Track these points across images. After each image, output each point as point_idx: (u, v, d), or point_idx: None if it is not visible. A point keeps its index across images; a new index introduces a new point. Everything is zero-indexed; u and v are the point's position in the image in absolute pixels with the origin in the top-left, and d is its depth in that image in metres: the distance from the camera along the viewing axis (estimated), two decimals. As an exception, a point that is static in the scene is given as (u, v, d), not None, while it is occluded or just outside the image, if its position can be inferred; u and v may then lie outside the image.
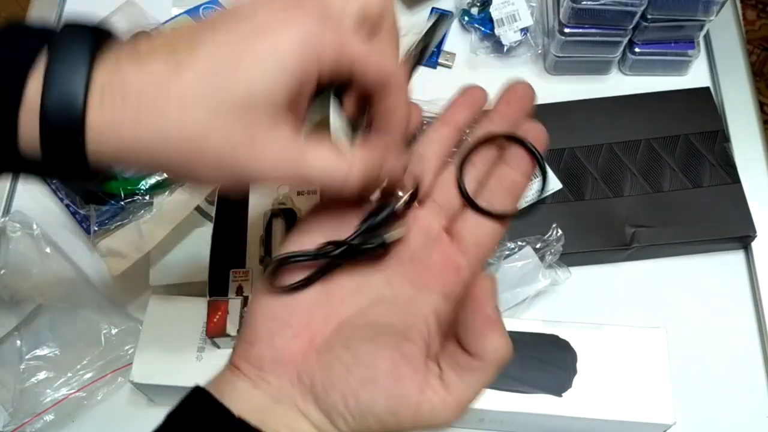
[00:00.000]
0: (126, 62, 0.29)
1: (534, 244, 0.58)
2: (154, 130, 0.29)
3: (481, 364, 0.33)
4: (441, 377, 0.33)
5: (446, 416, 0.32)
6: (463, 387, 0.33)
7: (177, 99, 0.29)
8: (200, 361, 0.52)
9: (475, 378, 0.33)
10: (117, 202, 0.59)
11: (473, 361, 0.33)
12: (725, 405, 0.56)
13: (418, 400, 0.32)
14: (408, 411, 0.31)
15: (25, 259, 0.61)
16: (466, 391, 0.33)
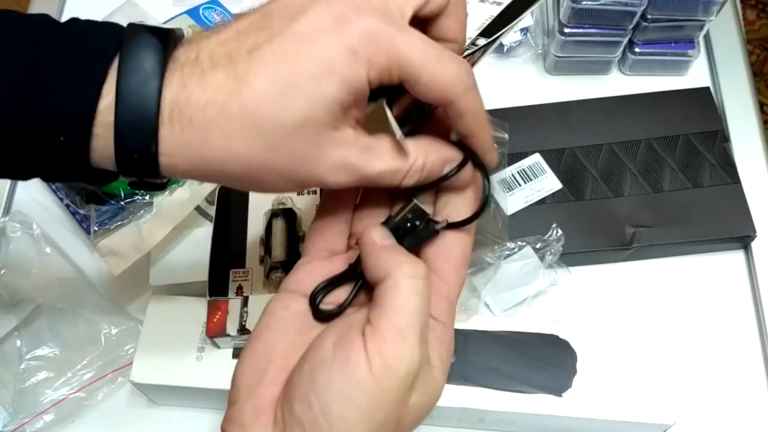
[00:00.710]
0: (190, 79, 0.30)
1: (534, 244, 0.58)
2: (222, 148, 0.30)
3: (392, 281, 0.32)
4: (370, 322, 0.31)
5: (399, 351, 0.30)
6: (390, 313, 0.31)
7: (240, 118, 0.30)
8: (200, 361, 0.52)
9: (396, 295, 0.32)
10: (117, 202, 0.59)
11: (383, 287, 0.32)
12: (725, 405, 0.56)
13: (365, 355, 0.30)
14: (362, 370, 0.30)
15: (25, 259, 0.61)
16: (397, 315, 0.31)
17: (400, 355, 0.30)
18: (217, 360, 0.52)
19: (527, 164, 0.64)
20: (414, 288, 0.32)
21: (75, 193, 0.59)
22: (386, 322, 0.31)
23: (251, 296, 0.51)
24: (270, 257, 0.52)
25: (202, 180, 0.33)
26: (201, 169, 0.31)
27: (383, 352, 0.30)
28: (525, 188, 0.62)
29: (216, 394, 0.52)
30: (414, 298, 0.32)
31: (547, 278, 0.58)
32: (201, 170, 0.31)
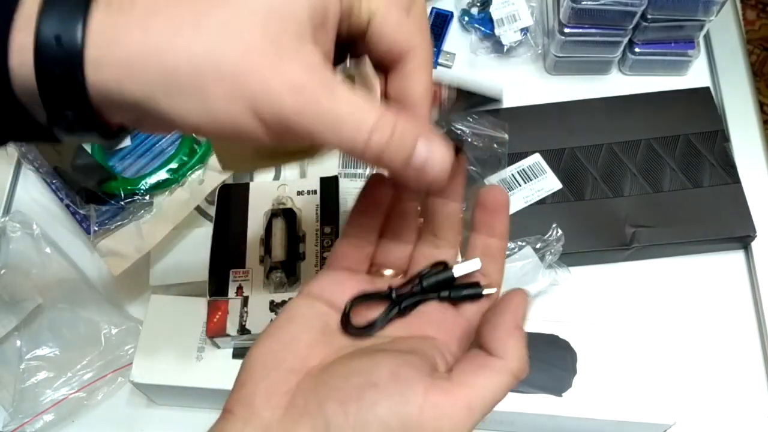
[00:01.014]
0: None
1: (534, 244, 0.58)
2: (166, 34, 0.26)
3: (500, 363, 0.31)
4: (450, 378, 0.31)
5: (454, 419, 0.30)
6: (474, 387, 0.31)
7: (192, 2, 0.26)
8: (200, 361, 0.52)
9: (490, 379, 0.31)
10: (117, 202, 0.59)
11: (491, 359, 0.31)
12: (725, 405, 0.56)
13: (422, 400, 0.30)
14: (412, 411, 0.29)
15: (25, 259, 0.61)
16: (477, 392, 0.31)
17: (454, 425, 0.30)
18: (217, 360, 0.52)
19: (527, 164, 0.64)
20: (507, 387, 0.32)
21: (75, 193, 0.59)
22: (465, 394, 0.31)
23: (251, 296, 0.51)
24: (270, 257, 0.52)
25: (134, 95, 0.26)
26: (135, 67, 0.26)
27: (444, 412, 0.30)
28: (525, 188, 0.62)
29: (216, 394, 0.52)
30: (500, 395, 0.32)
31: (547, 278, 0.58)
32: (135, 68, 0.26)
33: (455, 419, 0.30)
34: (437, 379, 0.31)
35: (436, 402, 0.30)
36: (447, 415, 0.30)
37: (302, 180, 0.58)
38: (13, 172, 0.68)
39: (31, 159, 0.61)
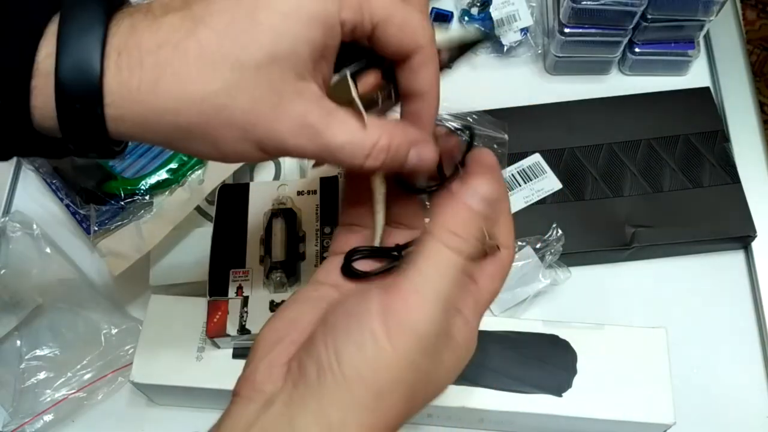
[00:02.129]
0: (141, 23, 0.28)
1: (534, 244, 0.58)
2: (175, 91, 0.28)
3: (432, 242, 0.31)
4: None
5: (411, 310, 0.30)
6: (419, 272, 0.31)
7: (197, 58, 0.28)
8: (200, 361, 0.52)
9: (429, 257, 0.31)
10: (117, 202, 0.59)
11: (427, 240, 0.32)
12: (725, 405, 0.56)
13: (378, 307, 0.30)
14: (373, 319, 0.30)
15: (25, 259, 0.61)
16: (422, 276, 0.31)
17: (416, 320, 0.30)
18: (217, 360, 0.52)
19: (527, 164, 0.64)
20: (448, 259, 0.31)
21: (75, 193, 0.59)
22: (407, 282, 0.30)
23: (251, 296, 0.51)
24: (270, 257, 0.52)
25: (152, 141, 0.30)
26: (151, 122, 0.28)
27: (399, 313, 0.30)
28: (525, 188, 0.62)
29: (216, 394, 0.52)
30: (445, 271, 0.31)
31: (547, 278, 0.58)
32: (151, 123, 0.28)
33: (414, 310, 0.30)
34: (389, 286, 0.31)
35: (389, 303, 0.30)
36: (402, 310, 0.30)
37: (302, 180, 0.58)
38: (13, 172, 0.68)
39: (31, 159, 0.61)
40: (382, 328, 0.30)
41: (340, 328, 0.30)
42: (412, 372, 0.30)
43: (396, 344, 0.30)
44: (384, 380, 0.30)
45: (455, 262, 0.31)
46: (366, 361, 0.29)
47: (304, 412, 0.29)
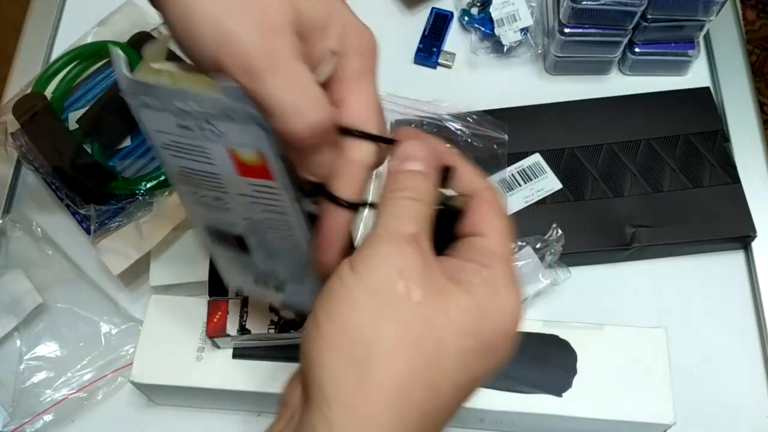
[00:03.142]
0: None
1: (534, 244, 0.58)
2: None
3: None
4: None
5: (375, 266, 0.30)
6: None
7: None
8: (200, 361, 0.52)
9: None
10: (117, 202, 0.59)
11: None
12: (725, 405, 0.56)
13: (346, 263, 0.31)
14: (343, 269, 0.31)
15: (25, 259, 0.61)
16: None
17: (372, 248, 0.30)
18: (217, 360, 0.52)
19: (527, 164, 0.64)
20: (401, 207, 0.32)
21: (75, 193, 0.59)
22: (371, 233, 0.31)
23: (251, 296, 0.51)
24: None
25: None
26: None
27: (359, 252, 0.31)
28: (525, 188, 0.62)
29: (216, 394, 0.52)
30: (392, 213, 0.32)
31: (547, 278, 0.58)
32: None
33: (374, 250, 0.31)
34: None
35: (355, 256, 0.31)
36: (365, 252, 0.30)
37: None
38: (13, 172, 0.68)
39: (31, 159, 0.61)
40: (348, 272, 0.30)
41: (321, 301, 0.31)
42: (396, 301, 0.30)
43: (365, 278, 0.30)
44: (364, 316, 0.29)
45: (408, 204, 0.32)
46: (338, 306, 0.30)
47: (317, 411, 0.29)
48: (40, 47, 0.75)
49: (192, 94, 0.30)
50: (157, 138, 0.35)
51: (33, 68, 0.71)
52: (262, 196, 0.34)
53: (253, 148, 0.32)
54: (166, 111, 0.32)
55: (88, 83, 0.64)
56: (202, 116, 0.31)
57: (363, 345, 0.29)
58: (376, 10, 0.75)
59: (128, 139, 0.61)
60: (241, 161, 0.32)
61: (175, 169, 0.36)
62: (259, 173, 0.33)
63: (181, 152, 0.34)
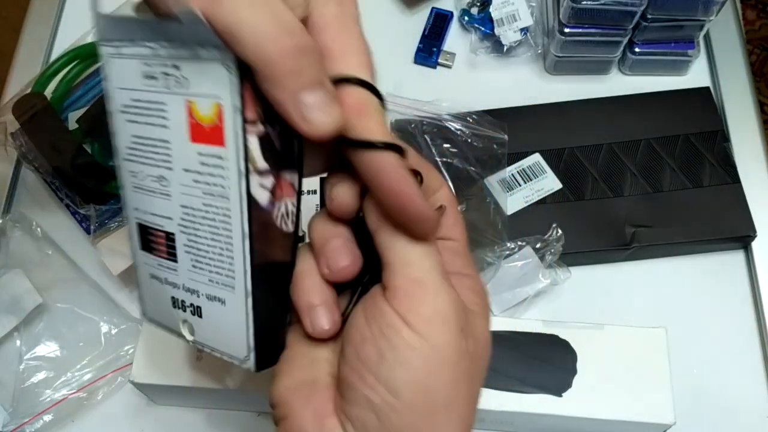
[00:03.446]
0: None
1: (534, 244, 0.58)
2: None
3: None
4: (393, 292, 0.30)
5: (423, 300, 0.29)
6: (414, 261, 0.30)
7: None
8: (200, 361, 0.52)
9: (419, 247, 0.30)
10: (117, 202, 0.59)
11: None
12: (725, 405, 0.56)
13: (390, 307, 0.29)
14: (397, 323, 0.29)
15: (25, 259, 0.61)
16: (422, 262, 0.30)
17: (432, 305, 0.29)
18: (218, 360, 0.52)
19: (527, 164, 0.64)
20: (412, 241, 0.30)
21: (75, 193, 0.59)
22: (403, 279, 0.29)
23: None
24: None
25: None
26: None
27: (415, 309, 0.29)
28: (525, 188, 0.62)
29: (216, 394, 0.52)
30: (422, 248, 0.30)
31: (547, 278, 0.58)
32: None
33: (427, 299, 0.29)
34: (386, 293, 0.30)
35: (404, 307, 0.29)
36: (420, 304, 0.29)
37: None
38: (13, 172, 0.68)
39: (31, 159, 0.61)
40: (412, 335, 0.28)
41: (374, 359, 0.29)
42: (463, 357, 0.29)
43: (435, 340, 0.28)
44: (447, 382, 0.28)
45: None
46: (419, 374, 0.28)
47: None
48: (40, 47, 0.75)
49: (163, 26, 0.29)
50: (117, 99, 0.33)
51: (33, 68, 0.71)
52: (207, 172, 0.31)
53: (213, 98, 0.29)
54: (136, 57, 0.31)
55: (88, 83, 0.64)
56: (170, 58, 0.30)
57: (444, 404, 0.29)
58: (376, 10, 0.75)
59: (128, 139, 0.61)
60: (196, 120, 0.30)
61: (125, 142, 0.34)
62: (212, 137, 0.30)
63: (138, 115, 0.33)
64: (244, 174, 0.30)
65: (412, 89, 0.65)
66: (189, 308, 0.35)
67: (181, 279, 0.35)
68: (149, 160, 0.33)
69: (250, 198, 0.30)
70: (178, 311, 0.36)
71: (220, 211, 0.31)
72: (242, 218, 0.30)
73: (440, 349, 0.29)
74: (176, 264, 0.35)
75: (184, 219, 0.33)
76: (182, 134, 0.31)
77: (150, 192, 0.34)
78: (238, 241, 0.31)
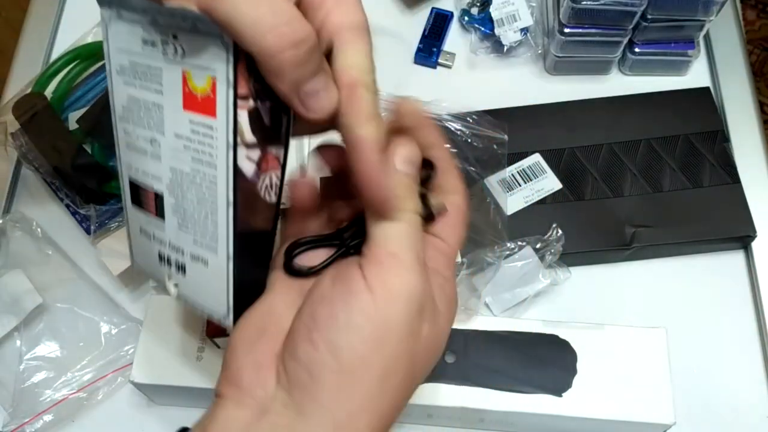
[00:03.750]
0: None
1: (534, 244, 0.58)
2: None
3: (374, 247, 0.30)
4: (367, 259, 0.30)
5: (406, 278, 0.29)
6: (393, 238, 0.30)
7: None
8: (200, 361, 0.52)
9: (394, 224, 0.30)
10: (117, 202, 0.59)
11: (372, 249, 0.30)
12: (725, 405, 0.56)
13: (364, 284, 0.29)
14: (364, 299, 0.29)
15: (25, 259, 0.61)
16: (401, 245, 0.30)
17: (400, 278, 0.29)
18: (217, 360, 0.52)
19: (527, 164, 0.64)
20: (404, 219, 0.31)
21: (75, 193, 0.59)
22: (379, 249, 0.30)
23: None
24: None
25: None
26: None
27: (382, 277, 0.29)
28: (525, 188, 0.62)
29: (216, 394, 0.52)
30: (403, 226, 0.31)
31: (547, 278, 0.58)
32: None
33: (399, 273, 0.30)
34: (362, 260, 0.30)
35: (374, 274, 0.29)
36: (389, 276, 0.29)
37: (302, 180, 0.58)
38: (13, 172, 0.68)
39: (31, 159, 0.61)
40: (371, 302, 0.29)
41: (324, 318, 0.29)
42: (412, 339, 0.30)
43: (390, 314, 0.29)
44: (387, 356, 0.29)
45: (410, 218, 0.31)
46: (364, 341, 0.28)
47: (305, 419, 0.28)
48: (40, 47, 0.75)
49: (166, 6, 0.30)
50: (115, 59, 0.34)
51: (33, 68, 0.71)
52: (197, 140, 0.32)
53: (208, 71, 0.30)
54: (135, 23, 0.31)
55: (88, 83, 0.64)
56: (168, 27, 0.30)
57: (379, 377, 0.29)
58: (376, 10, 0.75)
59: (128, 139, 0.61)
60: (190, 90, 0.31)
61: (121, 101, 0.35)
62: (204, 107, 0.31)
63: (134, 77, 0.33)
64: (232, 146, 0.30)
65: (412, 89, 0.65)
66: (174, 265, 0.36)
67: (168, 236, 0.36)
68: (142, 122, 0.34)
69: (237, 169, 0.31)
70: (164, 266, 0.37)
71: (207, 177, 0.32)
72: (228, 187, 0.31)
73: (392, 324, 0.29)
74: (163, 222, 0.36)
75: (172, 181, 0.34)
76: (176, 101, 0.32)
77: (141, 152, 0.35)
78: (222, 208, 0.32)
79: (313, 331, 0.29)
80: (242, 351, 0.31)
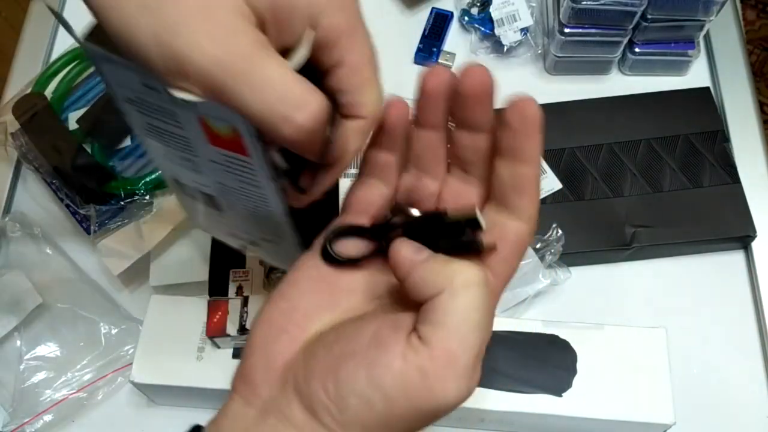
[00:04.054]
0: None
1: (534, 244, 0.58)
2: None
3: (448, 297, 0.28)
4: (418, 335, 0.28)
5: (444, 378, 0.27)
6: (446, 324, 0.27)
7: None
8: (200, 361, 0.52)
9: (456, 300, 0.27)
10: (117, 202, 0.59)
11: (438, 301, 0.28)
12: (725, 405, 0.56)
13: (402, 366, 0.27)
14: (394, 381, 0.27)
15: (25, 259, 0.61)
16: (452, 330, 0.27)
17: (444, 392, 0.28)
18: (217, 360, 0.52)
19: (527, 164, 0.64)
20: (473, 301, 0.28)
21: (75, 193, 0.59)
22: (439, 341, 0.27)
23: (251, 296, 0.51)
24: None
25: None
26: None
27: (427, 371, 0.27)
28: (525, 188, 0.62)
29: (216, 394, 0.52)
30: (473, 315, 0.28)
31: (547, 278, 0.58)
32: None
33: (446, 377, 0.27)
34: (413, 338, 0.28)
35: (418, 363, 0.27)
36: (435, 374, 0.27)
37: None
38: (13, 172, 0.68)
39: (31, 159, 0.61)
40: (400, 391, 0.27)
41: (346, 374, 0.28)
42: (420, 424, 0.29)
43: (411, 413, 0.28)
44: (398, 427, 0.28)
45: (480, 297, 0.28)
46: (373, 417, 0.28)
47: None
48: (40, 47, 0.75)
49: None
50: (119, 92, 0.31)
51: (33, 68, 0.71)
52: (235, 168, 0.31)
53: (227, 122, 0.28)
54: (131, 70, 0.28)
55: (88, 83, 0.64)
56: None
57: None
58: (376, 10, 0.75)
59: (128, 139, 0.61)
60: (213, 132, 0.29)
61: (142, 125, 0.32)
62: (233, 147, 0.29)
63: (147, 110, 0.30)
64: (273, 178, 0.31)
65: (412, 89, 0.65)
66: (246, 241, 0.41)
67: (232, 225, 0.38)
68: (171, 143, 0.32)
69: (283, 191, 0.32)
70: (236, 239, 0.41)
71: (256, 192, 0.33)
72: (280, 205, 0.33)
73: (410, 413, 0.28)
74: (222, 213, 0.37)
75: (221, 189, 0.34)
76: (200, 137, 0.30)
77: (179, 165, 0.34)
78: (281, 217, 0.34)
79: (329, 378, 0.28)
80: (259, 348, 0.31)
